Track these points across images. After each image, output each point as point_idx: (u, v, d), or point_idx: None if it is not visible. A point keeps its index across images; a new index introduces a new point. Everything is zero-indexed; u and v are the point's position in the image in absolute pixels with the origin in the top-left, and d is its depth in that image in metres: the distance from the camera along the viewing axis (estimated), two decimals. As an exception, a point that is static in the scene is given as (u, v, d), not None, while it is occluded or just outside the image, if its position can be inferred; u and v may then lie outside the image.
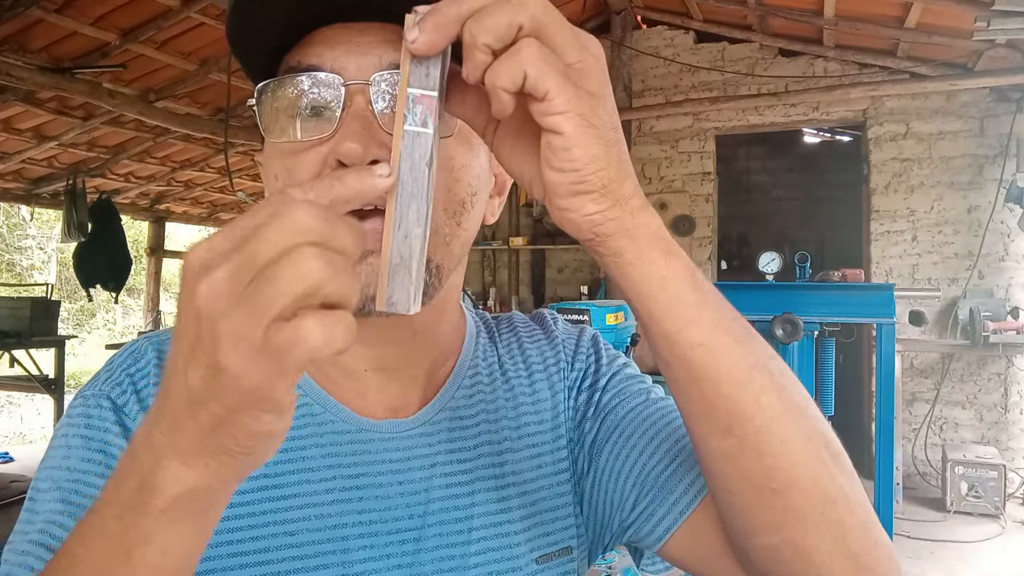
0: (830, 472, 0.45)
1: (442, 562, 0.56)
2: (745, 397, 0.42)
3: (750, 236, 8.31)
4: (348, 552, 0.53)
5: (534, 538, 0.59)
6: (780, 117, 5.77)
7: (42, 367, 5.62)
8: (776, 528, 0.44)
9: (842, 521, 0.45)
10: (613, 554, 3.04)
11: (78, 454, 0.53)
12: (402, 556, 0.55)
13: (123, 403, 0.55)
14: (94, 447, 0.53)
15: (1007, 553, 3.92)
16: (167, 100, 5.17)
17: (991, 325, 4.66)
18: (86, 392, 0.57)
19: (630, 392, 0.64)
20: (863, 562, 0.45)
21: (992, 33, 3.73)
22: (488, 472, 0.60)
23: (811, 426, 0.44)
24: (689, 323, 0.42)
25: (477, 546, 0.57)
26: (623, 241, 0.41)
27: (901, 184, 5.39)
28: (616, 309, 4.14)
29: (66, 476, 0.52)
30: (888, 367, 2.51)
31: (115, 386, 0.56)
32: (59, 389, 5.55)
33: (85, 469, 0.52)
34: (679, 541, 0.57)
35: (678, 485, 0.57)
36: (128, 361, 0.58)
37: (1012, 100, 5.03)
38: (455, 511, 0.57)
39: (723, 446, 0.43)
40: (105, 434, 0.54)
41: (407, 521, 0.56)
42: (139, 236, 11.66)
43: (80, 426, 0.54)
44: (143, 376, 0.57)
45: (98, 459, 0.53)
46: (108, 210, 6.30)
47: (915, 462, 5.16)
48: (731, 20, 5.77)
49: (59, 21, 4.08)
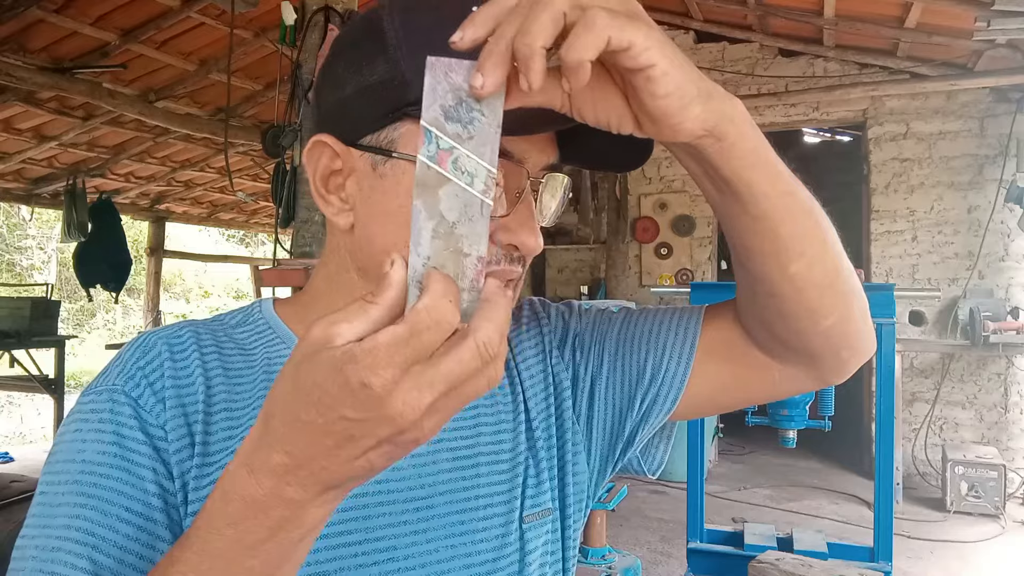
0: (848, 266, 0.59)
1: (452, 527, 0.61)
2: (815, 229, 0.54)
3: None
4: (369, 519, 0.58)
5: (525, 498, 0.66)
6: (780, 117, 5.77)
7: (42, 367, 5.62)
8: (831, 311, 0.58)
9: (863, 306, 0.62)
10: (613, 554, 3.04)
11: (93, 447, 0.54)
12: (417, 523, 0.60)
13: (138, 396, 0.56)
14: (108, 439, 0.54)
15: (1007, 553, 3.92)
16: (167, 100, 5.17)
17: (991, 325, 4.66)
18: (98, 387, 0.58)
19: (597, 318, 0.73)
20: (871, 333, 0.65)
21: (992, 33, 3.74)
22: (488, 448, 0.65)
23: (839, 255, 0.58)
24: (777, 176, 0.51)
25: (483, 512, 0.63)
26: (727, 126, 0.48)
27: (901, 184, 5.39)
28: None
29: (81, 468, 0.53)
30: (888, 367, 2.50)
31: (127, 380, 0.57)
32: (59, 389, 5.55)
33: (101, 462, 0.53)
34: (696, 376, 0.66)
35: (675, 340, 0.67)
36: (137, 354, 0.59)
37: (1012, 100, 5.03)
38: (462, 480, 0.63)
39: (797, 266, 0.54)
40: (120, 427, 0.55)
41: (419, 491, 0.61)
42: (139, 236, 11.66)
43: (94, 420, 0.55)
44: (154, 369, 0.58)
45: (113, 451, 0.54)
46: (108, 210, 6.30)
47: (915, 462, 5.16)
48: (731, 20, 5.77)
49: (59, 21, 4.08)
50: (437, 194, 0.37)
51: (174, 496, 0.54)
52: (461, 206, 0.38)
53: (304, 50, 3.15)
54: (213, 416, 0.57)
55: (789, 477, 5.35)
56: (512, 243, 0.55)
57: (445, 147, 0.37)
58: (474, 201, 0.38)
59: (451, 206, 0.38)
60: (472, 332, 0.35)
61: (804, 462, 5.66)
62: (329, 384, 0.35)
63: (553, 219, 0.62)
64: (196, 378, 0.58)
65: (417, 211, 0.37)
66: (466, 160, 0.37)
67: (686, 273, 6.06)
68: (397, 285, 0.36)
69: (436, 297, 0.35)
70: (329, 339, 0.35)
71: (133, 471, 0.53)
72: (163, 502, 0.54)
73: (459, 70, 0.37)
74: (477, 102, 0.37)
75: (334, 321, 0.35)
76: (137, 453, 0.54)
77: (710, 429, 5.14)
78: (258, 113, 5.83)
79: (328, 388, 0.35)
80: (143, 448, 0.54)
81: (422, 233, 0.37)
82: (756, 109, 5.78)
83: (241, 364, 0.62)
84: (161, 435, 0.55)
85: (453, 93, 0.37)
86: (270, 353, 0.63)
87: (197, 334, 0.62)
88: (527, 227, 0.55)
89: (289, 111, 3.21)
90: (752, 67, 5.83)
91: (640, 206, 6.19)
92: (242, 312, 0.68)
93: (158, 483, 0.54)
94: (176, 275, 15.77)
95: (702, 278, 5.98)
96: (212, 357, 0.60)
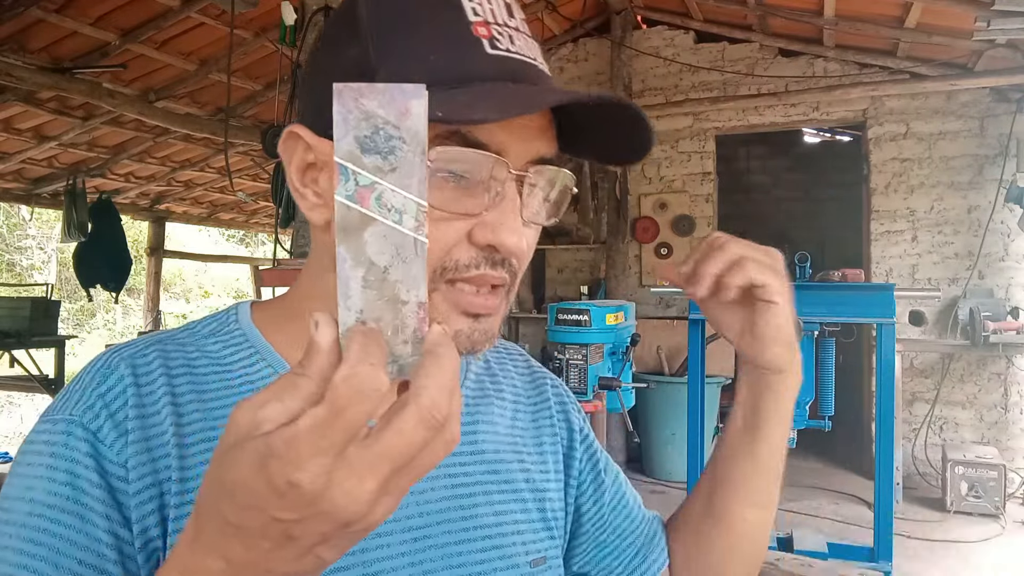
0: None
1: (451, 558, 0.58)
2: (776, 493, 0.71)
3: (750, 236, 8.01)
4: (366, 552, 0.55)
5: (527, 542, 0.63)
6: (780, 117, 5.77)
7: (42, 367, 5.62)
8: None
9: None
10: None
11: (44, 486, 0.48)
12: (414, 553, 0.56)
13: (96, 428, 0.50)
14: (61, 479, 0.49)
15: (1007, 553, 3.92)
16: (167, 100, 5.17)
17: (991, 325, 4.66)
18: (55, 416, 0.52)
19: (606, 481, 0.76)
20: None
21: (992, 33, 3.74)
22: (486, 478, 0.63)
23: None
24: (785, 437, 0.68)
25: (481, 543, 0.60)
26: (789, 372, 0.63)
27: (901, 184, 5.39)
28: (616, 309, 4.14)
29: (29, 510, 0.48)
30: (888, 367, 2.50)
31: (86, 410, 0.51)
32: (59, 389, 5.53)
33: (52, 503, 0.48)
34: None
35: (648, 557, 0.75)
36: (98, 379, 0.53)
37: (1012, 100, 5.03)
38: (460, 510, 0.60)
39: (751, 515, 0.70)
40: (74, 465, 0.49)
41: (417, 519, 0.58)
42: (139, 236, 11.65)
43: (46, 454, 0.50)
44: (116, 397, 0.52)
45: (66, 493, 0.48)
46: (108, 210, 6.30)
47: (915, 462, 5.16)
48: (731, 20, 5.77)
49: (59, 21, 4.08)
50: (363, 237, 0.33)
51: (130, 545, 0.49)
52: (392, 248, 0.33)
53: (304, 50, 3.15)
54: (189, 448, 0.51)
55: (789, 477, 5.31)
56: (491, 243, 0.50)
57: (365, 183, 0.33)
58: (406, 241, 0.33)
59: (381, 249, 0.33)
60: (414, 396, 0.31)
61: (804, 462, 5.66)
62: (254, 484, 0.30)
63: (550, 217, 0.56)
64: (163, 407, 0.52)
65: (342, 259, 0.33)
66: (391, 195, 0.33)
67: (686, 273, 6.05)
68: (325, 351, 0.32)
69: (353, 364, 0.30)
70: (256, 425, 0.31)
71: (86, 517, 0.48)
72: (118, 553, 0.48)
73: (372, 95, 0.33)
74: (396, 128, 0.33)
75: (261, 402, 0.31)
76: (91, 497, 0.48)
77: (710, 429, 5.14)
78: (258, 113, 5.83)
79: (254, 488, 0.30)
80: (97, 492, 0.49)
81: (350, 283, 0.33)
82: (756, 109, 5.78)
83: (217, 384, 0.55)
84: (121, 474, 0.49)
85: (367, 121, 0.33)
86: (249, 372, 0.56)
87: (165, 353, 0.55)
88: (507, 225, 0.50)
89: (289, 111, 3.21)
90: (752, 67, 5.83)
91: (640, 206, 6.19)
92: (216, 320, 0.61)
93: (112, 531, 0.48)
94: (176, 275, 15.77)
95: (702, 278, 5.97)
96: (183, 380, 0.54)
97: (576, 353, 3.80)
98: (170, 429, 0.51)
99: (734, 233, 0.64)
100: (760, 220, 8.46)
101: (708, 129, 6.01)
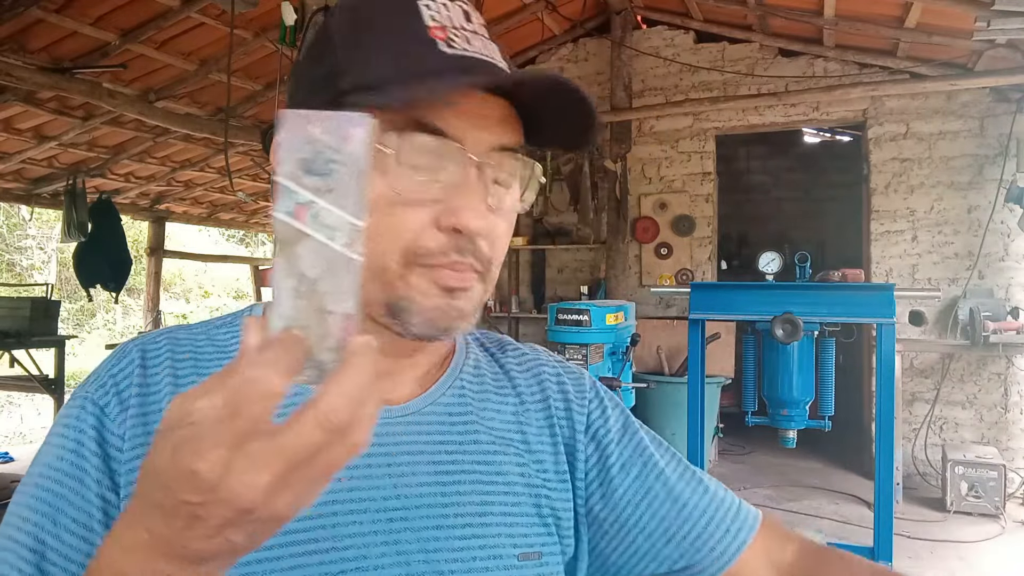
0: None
1: (427, 542, 0.58)
2: None
3: (750, 236, 8.31)
4: (337, 527, 0.56)
5: (515, 536, 0.63)
6: (780, 117, 5.77)
7: (42, 367, 5.62)
8: None
9: None
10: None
11: (55, 453, 0.55)
12: (388, 533, 0.57)
13: (104, 404, 0.57)
14: (69, 447, 0.55)
15: (1007, 553, 3.92)
16: (167, 100, 5.17)
17: (991, 325, 4.66)
18: (76, 393, 0.59)
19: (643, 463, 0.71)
20: None
21: (992, 33, 3.74)
22: (474, 467, 0.63)
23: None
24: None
25: (461, 531, 0.60)
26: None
27: (901, 184, 5.39)
28: (616, 309, 4.14)
29: (41, 472, 0.55)
30: (888, 367, 2.50)
31: (99, 387, 0.58)
32: (59, 389, 5.55)
33: (58, 467, 0.54)
34: None
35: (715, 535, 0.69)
36: (112, 362, 0.60)
37: (1012, 100, 5.03)
38: (441, 496, 0.60)
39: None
40: (80, 435, 0.56)
41: (394, 500, 0.59)
42: (139, 236, 11.65)
43: (61, 426, 0.57)
44: (125, 376, 0.58)
45: (71, 459, 0.55)
46: (108, 210, 6.30)
47: (915, 462, 5.16)
48: (731, 20, 5.77)
49: (59, 21, 4.08)
50: (296, 251, 0.36)
51: (116, 509, 0.54)
52: (324, 262, 0.36)
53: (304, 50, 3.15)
54: None
55: (789, 477, 5.35)
56: (455, 226, 0.53)
57: (302, 201, 0.35)
58: (338, 256, 0.36)
59: (312, 263, 0.36)
60: (313, 402, 0.34)
61: (804, 462, 5.66)
62: (168, 467, 0.34)
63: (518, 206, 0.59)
64: (164, 387, 0.58)
65: (277, 269, 0.36)
66: (326, 214, 0.36)
67: (686, 273, 6.06)
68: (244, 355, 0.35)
69: (254, 365, 0.34)
70: (184, 415, 0.34)
71: (84, 481, 0.54)
72: (103, 515, 0.53)
73: (316, 122, 0.36)
74: (337, 152, 0.36)
75: (193, 396, 0.34)
76: (89, 463, 0.55)
77: (710, 429, 5.14)
78: (258, 113, 5.83)
79: (168, 471, 0.34)
80: (94, 460, 0.55)
81: (282, 292, 0.36)
82: (756, 109, 5.78)
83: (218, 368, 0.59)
84: (118, 444, 0.55)
85: (309, 145, 0.36)
86: None
87: (175, 341, 0.61)
88: (469, 207, 0.53)
89: (289, 111, 3.21)
90: (752, 67, 5.83)
91: (640, 206, 6.19)
92: (233, 315, 0.67)
93: (101, 495, 0.54)
94: (176, 275, 15.76)
95: (702, 278, 5.98)
96: (186, 364, 0.60)
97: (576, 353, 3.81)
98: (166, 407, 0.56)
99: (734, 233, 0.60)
100: (760, 220, 8.46)
101: (708, 129, 6.01)
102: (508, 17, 5.82)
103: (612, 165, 5.96)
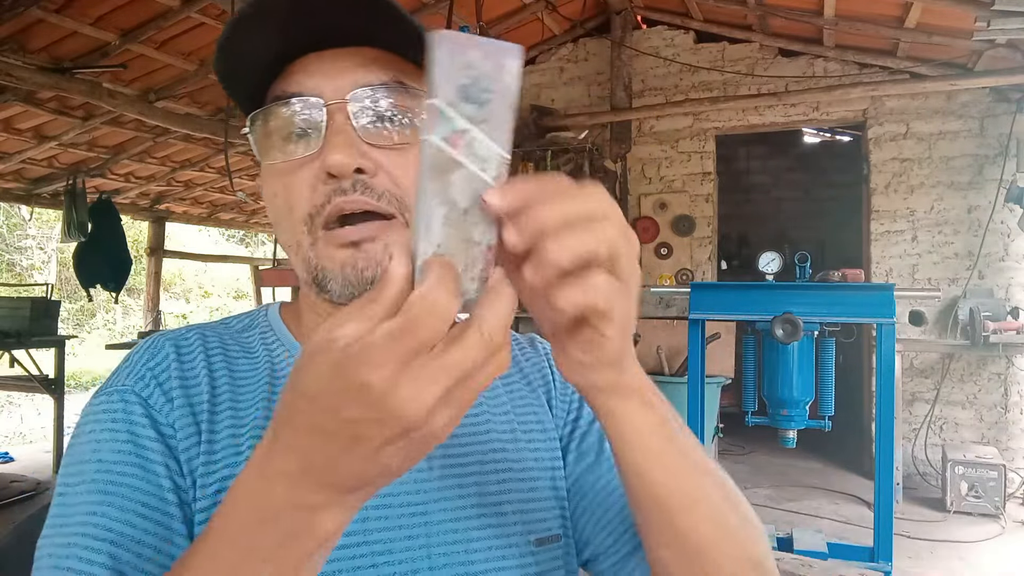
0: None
1: (446, 535, 0.60)
2: (687, 523, 0.51)
3: (750, 236, 8.31)
4: (367, 521, 0.58)
5: (531, 521, 0.64)
6: (780, 117, 5.77)
7: (42, 367, 5.61)
8: None
9: None
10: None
11: (108, 447, 0.55)
12: (412, 528, 0.59)
13: (148, 395, 0.58)
14: (122, 438, 0.56)
15: (1007, 553, 3.92)
16: (167, 100, 5.17)
17: (991, 325, 4.66)
18: (109, 388, 0.59)
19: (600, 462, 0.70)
20: None
21: (992, 33, 3.74)
22: (489, 457, 0.65)
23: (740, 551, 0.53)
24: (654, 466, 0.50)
25: (477, 522, 0.61)
26: (613, 399, 0.47)
27: (901, 184, 5.39)
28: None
29: (97, 468, 0.55)
30: (888, 367, 2.50)
31: (137, 380, 0.59)
32: (59, 389, 5.55)
33: (117, 459, 0.55)
34: None
35: None
36: (146, 356, 0.61)
37: (1012, 100, 5.03)
38: (458, 488, 0.62)
39: (664, 555, 0.53)
40: (133, 426, 0.57)
41: (415, 496, 0.60)
42: (139, 236, 11.65)
43: (106, 420, 0.57)
44: (164, 370, 0.60)
45: (128, 449, 0.55)
46: (108, 210, 6.30)
47: (915, 462, 5.16)
48: (731, 20, 5.77)
49: (59, 21, 4.08)
50: (449, 179, 0.35)
51: (186, 492, 0.56)
52: (474, 192, 0.35)
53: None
54: (218, 415, 0.59)
55: (789, 477, 5.35)
56: (327, 170, 0.54)
57: (459, 128, 0.35)
58: (487, 188, 0.35)
59: (464, 192, 0.35)
60: (476, 321, 0.35)
61: (804, 462, 5.66)
62: (329, 386, 0.34)
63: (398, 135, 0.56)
64: (202, 378, 0.60)
65: (429, 195, 0.35)
66: (479, 144, 0.35)
67: (686, 273, 6.06)
68: (396, 281, 0.35)
69: (431, 286, 0.34)
70: (330, 341, 0.34)
71: (148, 467, 0.55)
72: (177, 497, 0.55)
73: (475, 47, 0.34)
74: (493, 81, 0.35)
75: (336, 324, 0.34)
76: (151, 451, 0.56)
77: (710, 429, 5.14)
78: (258, 113, 5.83)
79: (329, 390, 0.34)
80: (155, 445, 0.56)
81: (433, 219, 0.35)
82: (756, 109, 5.78)
83: (246, 366, 0.64)
84: (171, 432, 0.57)
85: (469, 71, 0.34)
86: (272, 355, 0.65)
87: (203, 336, 0.64)
88: (330, 145, 0.54)
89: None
90: (752, 67, 5.83)
91: (640, 206, 6.19)
92: (249, 316, 0.70)
93: (171, 479, 0.55)
94: (176, 275, 15.76)
95: (702, 278, 5.98)
96: (218, 358, 0.63)
97: (576, 353, 3.80)
98: (206, 397, 0.59)
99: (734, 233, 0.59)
100: (760, 220, 8.46)
101: (708, 129, 6.01)
102: (508, 17, 5.82)
103: (612, 165, 5.96)
